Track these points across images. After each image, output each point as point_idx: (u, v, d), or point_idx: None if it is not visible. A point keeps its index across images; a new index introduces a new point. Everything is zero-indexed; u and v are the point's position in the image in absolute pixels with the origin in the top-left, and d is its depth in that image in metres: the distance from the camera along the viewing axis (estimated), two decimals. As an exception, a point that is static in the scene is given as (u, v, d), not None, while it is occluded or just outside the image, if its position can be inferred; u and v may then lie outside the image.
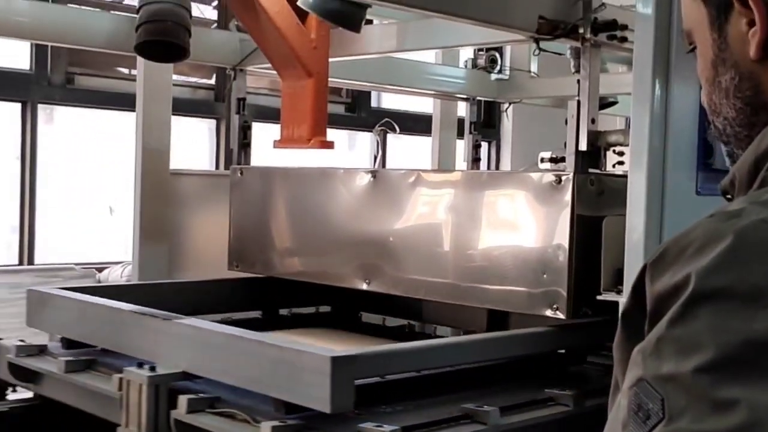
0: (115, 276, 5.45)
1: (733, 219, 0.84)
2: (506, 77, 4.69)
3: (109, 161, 6.26)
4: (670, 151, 2.47)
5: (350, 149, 7.73)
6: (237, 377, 2.50)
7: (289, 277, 3.64)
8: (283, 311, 3.70)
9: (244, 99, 3.85)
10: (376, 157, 6.53)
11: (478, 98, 4.84)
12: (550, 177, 2.78)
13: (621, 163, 2.79)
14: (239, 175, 3.82)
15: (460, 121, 5.02)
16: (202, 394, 2.46)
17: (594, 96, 2.74)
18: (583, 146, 2.73)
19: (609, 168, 2.87)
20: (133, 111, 3.96)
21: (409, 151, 7.65)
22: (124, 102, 5.38)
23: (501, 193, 2.94)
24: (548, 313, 2.77)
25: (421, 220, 3.15)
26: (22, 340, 3.05)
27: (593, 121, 2.74)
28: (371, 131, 6.30)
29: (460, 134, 4.98)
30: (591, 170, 2.80)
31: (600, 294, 2.64)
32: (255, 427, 2.30)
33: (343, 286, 3.41)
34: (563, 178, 2.75)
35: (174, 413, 2.45)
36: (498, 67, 4.67)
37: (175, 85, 5.94)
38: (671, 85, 2.46)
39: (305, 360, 2.32)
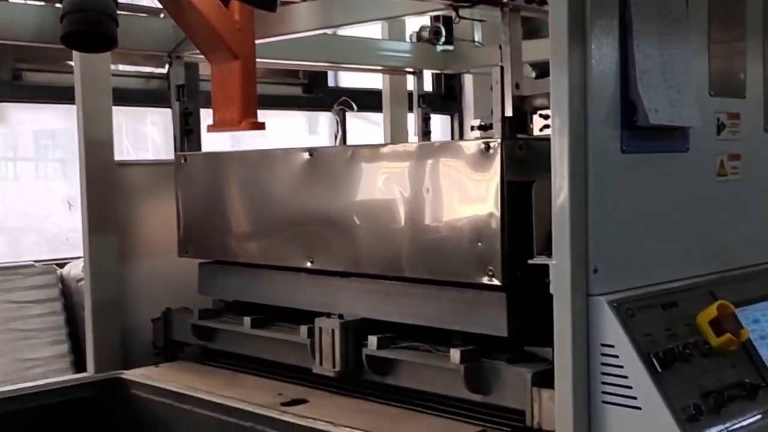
0: (77, 271, 5.42)
1: None
2: (451, 48, 4.67)
3: (68, 156, 6.22)
4: (592, 112, 2.48)
5: (311, 132, 7.69)
6: (416, 317, 3.01)
7: (235, 260, 3.65)
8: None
9: (183, 85, 3.83)
10: (336, 136, 6.52)
11: (439, 72, 4.86)
12: (479, 145, 2.79)
13: (548, 126, 2.78)
14: (183, 161, 3.82)
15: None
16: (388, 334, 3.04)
17: (517, 61, 2.74)
18: (508, 112, 2.73)
19: (537, 132, 2.87)
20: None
21: (373, 129, 7.62)
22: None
23: (433, 163, 2.94)
24: (484, 280, 2.78)
25: (359, 196, 3.16)
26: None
27: (517, 86, 2.74)
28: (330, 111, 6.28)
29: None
30: (520, 135, 2.79)
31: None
32: (441, 355, 2.85)
33: (287, 266, 3.42)
34: (491, 144, 2.75)
35: (366, 350, 3.05)
36: (443, 39, 4.64)
37: (126, 75, 5.93)
38: (589, 45, 2.46)
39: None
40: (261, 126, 3.08)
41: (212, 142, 4.61)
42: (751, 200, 3.05)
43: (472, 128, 2.86)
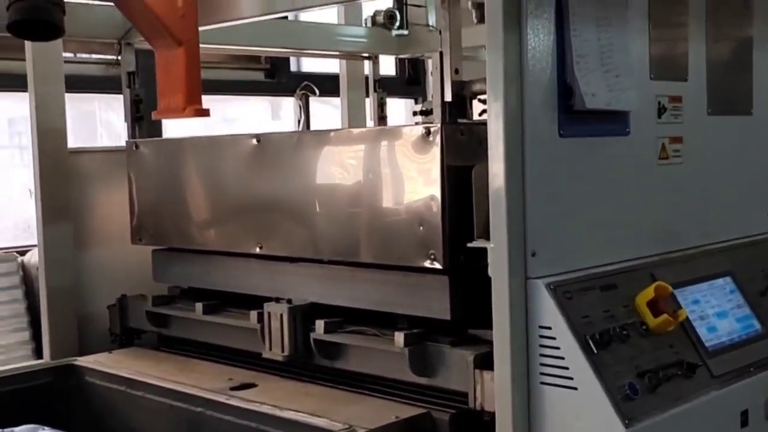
0: (36, 259, 5.41)
1: None
2: (407, 33, 4.69)
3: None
4: (528, 96, 2.50)
5: (274, 117, 7.70)
6: (363, 301, 3.03)
7: (187, 247, 3.66)
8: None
9: (134, 72, 3.83)
10: (299, 122, 6.53)
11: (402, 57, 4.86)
12: (420, 129, 2.81)
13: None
14: (134, 148, 3.82)
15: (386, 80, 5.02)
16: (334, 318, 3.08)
17: (456, 46, 2.75)
18: (448, 97, 2.75)
19: (477, 117, 2.89)
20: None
21: (339, 113, 7.61)
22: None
23: (376, 149, 2.96)
24: (427, 263, 2.81)
25: (305, 181, 3.17)
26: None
27: (457, 71, 2.75)
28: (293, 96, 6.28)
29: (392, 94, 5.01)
30: (460, 120, 2.82)
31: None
32: (387, 339, 2.88)
33: (238, 252, 3.43)
34: (432, 129, 2.77)
35: (313, 335, 3.07)
36: (397, 23, 4.66)
37: (86, 62, 5.90)
38: (525, 30, 2.49)
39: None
40: (205, 113, 3.08)
41: (183, 129, 4.61)
42: (693, 183, 3.08)
43: (414, 113, 2.89)
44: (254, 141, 3.31)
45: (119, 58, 3.82)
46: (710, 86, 3.16)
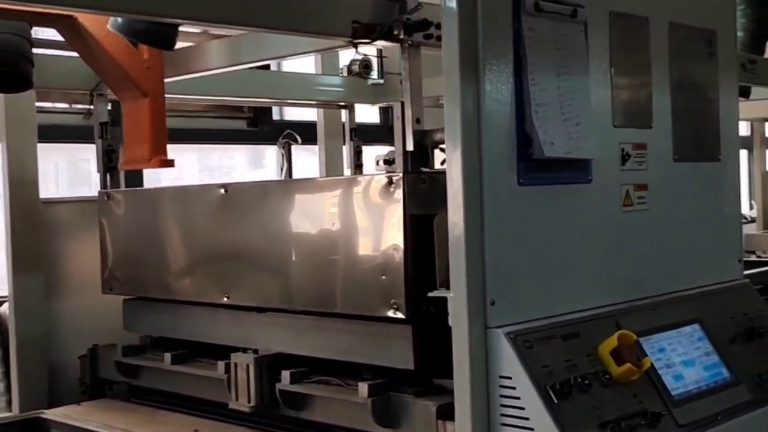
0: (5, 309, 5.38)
1: None
2: (381, 82, 4.71)
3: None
4: (487, 145, 2.50)
5: (256, 166, 7.69)
6: (328, 351, 3.02)
7: (157, 296, 3.65)
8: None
9: (106, 123, 3.83)
10: (282, 170, 6.54)
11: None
12: (382, 179, 2.81)
13: (447, 160, 2.81)
14: (106, 198, 3.81)
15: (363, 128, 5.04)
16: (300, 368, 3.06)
17: (417, 96, 2.77)
18: (410, 146, 2.76)
19: (438, 166, 2.90)
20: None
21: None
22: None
23: (340, 197, 2.96)
24: (390, 313, 2.79)
25: (271, 231, 3.17)
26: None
27: (418, 120, 2.76)
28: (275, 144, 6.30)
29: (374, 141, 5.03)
30: (423, 169, 2.82)
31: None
32: (351, 389, 2.87)
33: (206, 302, 3.42)
34: (394, 178, 2.77)
35: (279, 385, 3.06)
36: (373, 72, 4.69)
37: (57, 112, 5.91)
38: (482, 80, 2.49)
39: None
40: (170, 163, 3.09)
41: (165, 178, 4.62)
42: (660, 230, 3.08)
43: (377, 162, 2.89)
44: (222, 191, 3.31)
45: (91, 108, 3.82)
46: (676, 133, 3.16)
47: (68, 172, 6.44)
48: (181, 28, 3.14)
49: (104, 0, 2.26)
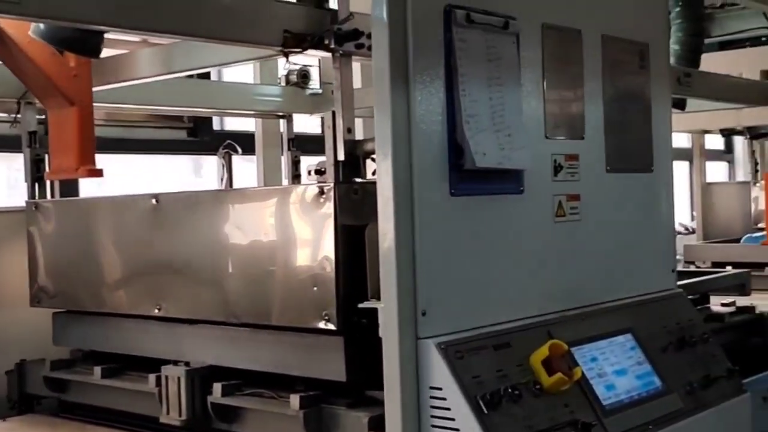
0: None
1: None
2: (320, 91, 4.70)
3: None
4: (417, 156, 2.49)
5: (197, 175, 7.64)
6: (260, 363, 2.97)
7: (87, 309, 3.58)
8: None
9: (35, 132, 3.75)
10: (222, 180, 6.50)
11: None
12: (313, 189, 2.78)
13: (379, 170, 2.80)
14: (34, 209, 3.74)
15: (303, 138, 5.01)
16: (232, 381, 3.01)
17: (348, 105, 2.75)
18: (341, 156, 2.74)
19: (370, 176, 2.88)
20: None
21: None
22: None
23: (272, 208, 2.93)
24: (321, 324, 2.77)
25: (202, 242, 3.12)
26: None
27: (349, 130, 2.75)
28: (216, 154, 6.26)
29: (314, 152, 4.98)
30: (355, 179, 2.80)
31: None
32: (283, 401, 2.82)
33: (137, 314, 3.36)
34: (325, 189, 2.75)
35: (211, 398, 3.00)
36: (311, 82, 4.67)
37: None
38: (413, 90, 2.48)
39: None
40: (98, 173, 3.03)
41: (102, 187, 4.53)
42: (592, 240, 3.09)
43: (309, 173, 2.87)
44: (153, 201, 3.25)
45: (17, 116, 3.75)
46: (608, 144, 3.18)
47: (8, 180, 6.34)
48: (120, 37, 3.10)
49: (19, 5, 2.21)
